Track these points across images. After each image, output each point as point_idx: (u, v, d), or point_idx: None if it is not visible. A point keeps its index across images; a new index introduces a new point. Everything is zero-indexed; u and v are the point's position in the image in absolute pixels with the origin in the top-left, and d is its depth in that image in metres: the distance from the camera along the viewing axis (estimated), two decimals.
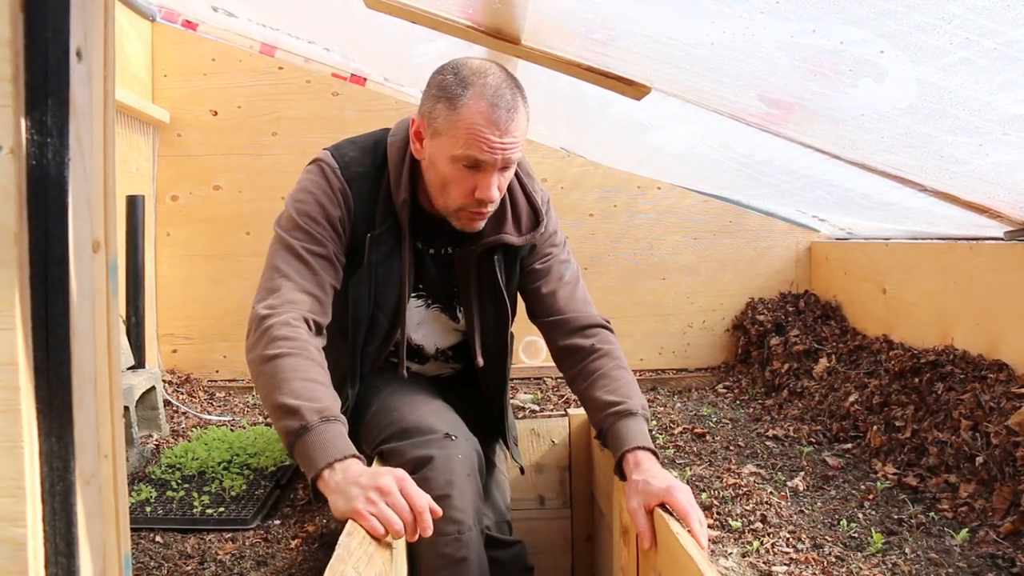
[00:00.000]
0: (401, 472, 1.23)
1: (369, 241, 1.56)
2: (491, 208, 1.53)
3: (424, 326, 1.73)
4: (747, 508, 1.73)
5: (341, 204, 1.54)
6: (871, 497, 1.79)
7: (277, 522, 1.83)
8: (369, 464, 1.47)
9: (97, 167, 0.69)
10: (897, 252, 2.61)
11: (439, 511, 1.21)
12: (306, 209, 1.52)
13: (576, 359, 1.66)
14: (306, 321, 1.41)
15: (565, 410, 2.41)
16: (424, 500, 1.19)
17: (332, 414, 1.29)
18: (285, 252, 1.48)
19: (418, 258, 1.65)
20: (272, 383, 1.32)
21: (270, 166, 3.09)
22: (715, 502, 1.78)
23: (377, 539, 1.15)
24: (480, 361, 1.69)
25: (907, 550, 1.52)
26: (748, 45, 1.24)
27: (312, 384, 1.31)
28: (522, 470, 1.95)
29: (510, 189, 1.65)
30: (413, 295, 1.66)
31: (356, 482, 1.19)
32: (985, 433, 1.77)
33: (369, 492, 1.17)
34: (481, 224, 1.56)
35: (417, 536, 1.19)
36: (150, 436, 2.40)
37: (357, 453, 1.26)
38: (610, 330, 1.70)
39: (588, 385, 1.61)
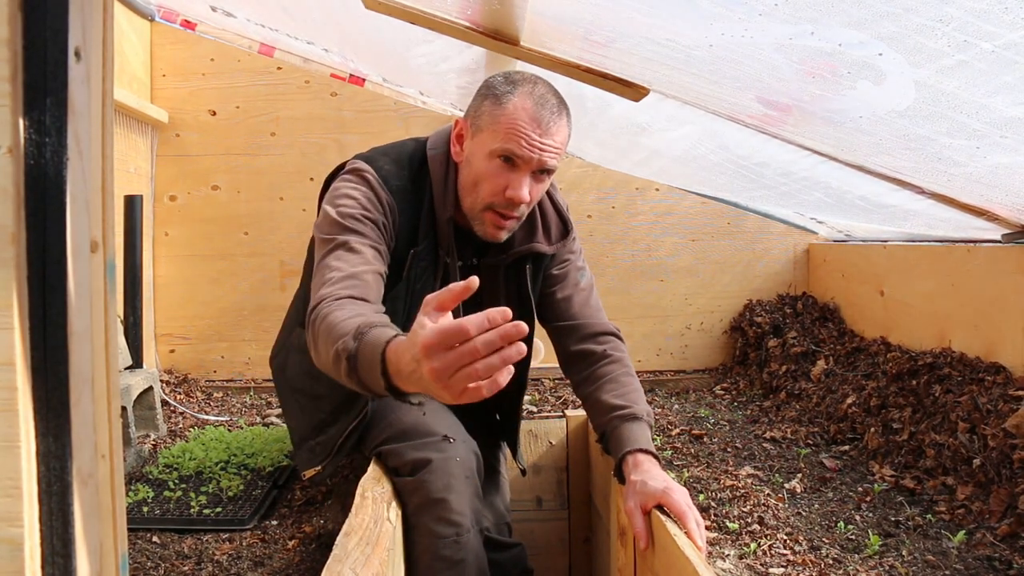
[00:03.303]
0: (418, 334, 1.00)
1: (411, 257, 1.53)
2: (519, 213, 1.50)
3: None
4: (744, 510, 1.73)
5: (387, 214, 1.49)
6: (868, 499, 1.80)
7: (274, 522, 1.83)
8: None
9: (95, 167, 0.69)
10: (895, 254, 2.62)
11: (504, 313, 0.96)
12: (351, 212, 1.45)
13: (585, 364, 1.66)
14: (356, 299, 1.31)
15: (563, 411, 2.41)
16: (471, 319, 0.94)
17: (368, 325, 1.14)
18: (335, 250, 1.39)
19: (449, 272, 1.63)
20: (323, 355, 1.22)
21: (268, 166, 3.09)
22: (712, 504, 1.78)
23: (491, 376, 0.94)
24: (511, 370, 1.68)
25: (904, 552, 1.52)
26: (747, 47, 1.24)
27: (344, 322, 1.19)
28: (523, 472, 1.95)
29: (539, 199, 1.64)
30: None
31: (413, 370, 1.00)
32: (982, 435, 1.78)
33: (423, 366, 0.97)
34: (504, 234, 1.53)
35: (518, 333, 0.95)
36: (147, 436, 2.39)
37: (391, 334, 1.11)
38: (620, 339, 1.70)
39: (595, 389, 1.60)
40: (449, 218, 1.55)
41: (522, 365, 1.75)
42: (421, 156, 1.59)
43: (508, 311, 0.95)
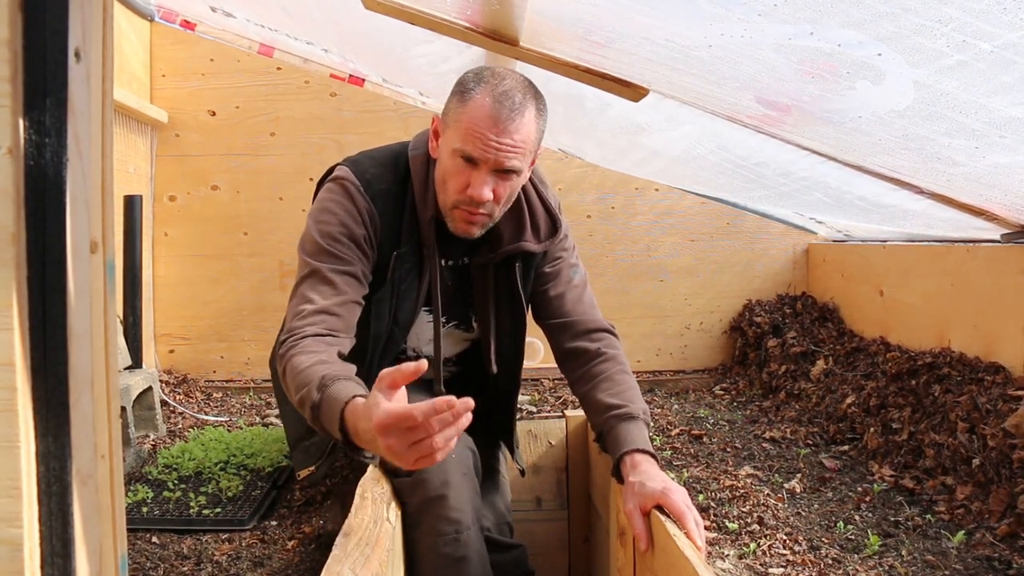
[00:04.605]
0: (372, 411, 1.08)
1: (395, 259, 1.54)
2: (486, 211, 1.48)
3: (435, 341, 1.71)
4: (744, 510, 1.73)
5: (367, 224, 1.51)
6: (868, 499, 1.80)
7: (274, 523, 1.83)
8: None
9: (95, 167, 0.69)
10: (894, 254, 2.62)
11: (449, 401, 1.03)
12: (329, 230, 1.49)
13: (580, 361, 1.66)
14: (321, 336, 1.40)
15: (562, 411, 2.41)
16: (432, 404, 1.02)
17: (330, 378, 1.24)
18: (311, 278, 1.46)
19: (433, 272, 1.63)
20: (291, 392, 1.33)
21: (268, 166, 3.09)
22: (712, 504, 1.78)
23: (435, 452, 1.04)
24: (494, 369, 1.69)
25: (904, 552, 1.52)
26: (746, 47, 1.24)
27: (313, 368, 1.29)
28: (522, 472, 1.95)
29: (527, 197, 1.63)
30: (425, 308, 1.65)
31: (370, 440, 1.10)
32: (982, 435, 1.78)
33: (379, 441, 1.07)
34: (476, 231, 1.52)
35: (466, 418, 1.03)
36: (147, 436, 2.39)
37: (356, 393, 1.19)
38: (615, 336, 1.70)
39: (591, 388, 1.60)
40: (431, 218, 1.54)
41: (515, 365, 1.75)
42: (407, 157, 1.59)
43: (453, 400, 1.02)
